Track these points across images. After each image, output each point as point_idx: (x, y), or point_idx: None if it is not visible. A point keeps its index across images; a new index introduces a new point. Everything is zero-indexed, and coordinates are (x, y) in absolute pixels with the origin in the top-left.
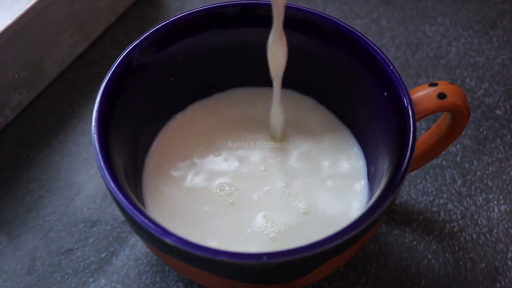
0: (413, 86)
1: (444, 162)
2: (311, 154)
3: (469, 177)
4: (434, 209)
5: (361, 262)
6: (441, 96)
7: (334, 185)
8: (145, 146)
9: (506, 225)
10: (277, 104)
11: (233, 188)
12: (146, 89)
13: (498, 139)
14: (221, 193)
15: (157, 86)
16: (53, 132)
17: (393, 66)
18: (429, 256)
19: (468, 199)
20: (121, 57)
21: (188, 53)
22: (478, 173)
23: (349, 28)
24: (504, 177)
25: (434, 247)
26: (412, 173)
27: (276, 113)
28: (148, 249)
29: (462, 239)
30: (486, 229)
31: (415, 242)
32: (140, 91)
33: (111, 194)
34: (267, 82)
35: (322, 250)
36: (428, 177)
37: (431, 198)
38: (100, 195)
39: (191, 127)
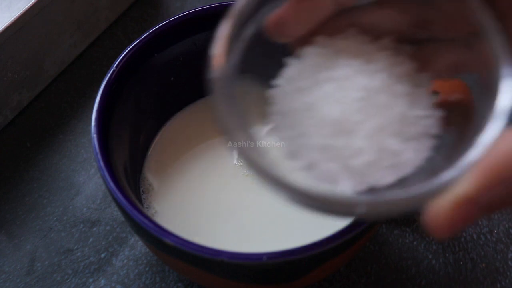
0: None
1: None
2: None
3: None
4: None
5: (361, 263)
6: (433, 93)
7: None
8: (145, 146)
9: (506, 225)
10: None
11: (234, 189)
12: (146, 89)
13: None
14: (222, 193)
15: (157, 86)
16: (52, 132)
17: None
18: (430, 257)
19: None
20: (121, 57)
21: (187, 53)
22: None
23: None
24: None
25: (434, 247)
26: None
27: None
28: (148, 249)
29: (462, 239)
30: (486, 229)
31: (415, 243)
32: (140, 91)
33: (111, 194)
34: None
35: (323, 250)
36: None
37: None
38: (100, 195)
39: (191, 126)
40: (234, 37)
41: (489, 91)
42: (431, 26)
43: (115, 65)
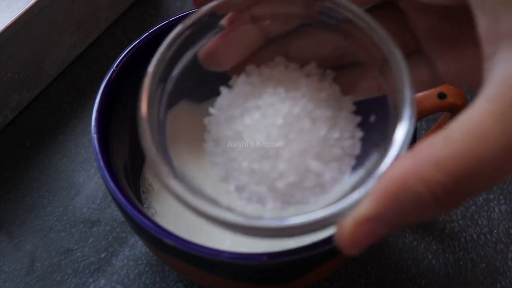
0: None
1: None
2: None
3: None
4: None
5: (361, 263)
6: (442, 96)
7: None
8: None
9: (506, 225)
10: None
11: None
12: None
13: None
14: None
15: None
16: (52, 132)
17: None
18: (430, 257)
19: (468, 199)
20: (121, 57)
21: None
22: None
23: None
24: None
25: (434, 247)
26: None
27: None
28: (148, 249)
29: (462, 239)
30: (486, 229)
31: (415, 243)
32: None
33: (111, 194)
34: None
35: (322, 251)
36: None
37: None
38: (100, 195)
39: (191, 126)
40: (166, 70)
41: (395, 115)
42: (350, 53)
43: (115, 65)
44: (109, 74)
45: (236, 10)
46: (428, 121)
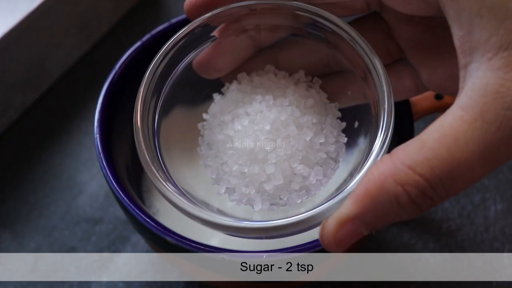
0: None
1: None
2: None
3: None
4: (432, 208)
5: (359, 261)
6: (439, 96)
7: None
8: None
9: (502, 224)
10: None
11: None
12: None
13: None
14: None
15: None
16: (56, 132)
17: None
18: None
19: (465, 198)
20: (123, 59)
21: None
22: None
23: None
24: (500, 176)
25: (431, 245)
26: None
27: None
28: (149, 248)
29: (459, 238)
30: (482, 227)
31: (412, 241)
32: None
33: (113, 193)
34: None
35: (322, 248)
36: None
37: None
38: (103, 194)
39: (186, 130)
40: (160, 79)
41: (376, 122)
42: (336, 62)
43: (117, 66)
44: (111, 76)
45: (227, 21)
46: (426, 121)
